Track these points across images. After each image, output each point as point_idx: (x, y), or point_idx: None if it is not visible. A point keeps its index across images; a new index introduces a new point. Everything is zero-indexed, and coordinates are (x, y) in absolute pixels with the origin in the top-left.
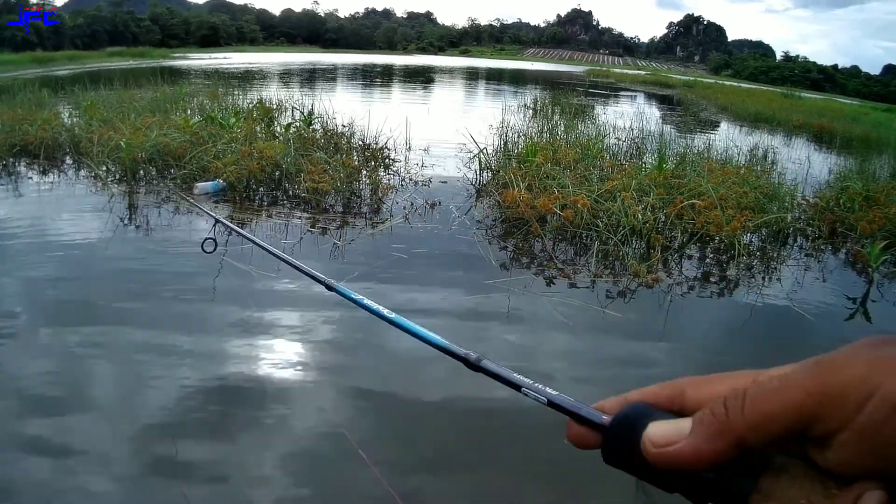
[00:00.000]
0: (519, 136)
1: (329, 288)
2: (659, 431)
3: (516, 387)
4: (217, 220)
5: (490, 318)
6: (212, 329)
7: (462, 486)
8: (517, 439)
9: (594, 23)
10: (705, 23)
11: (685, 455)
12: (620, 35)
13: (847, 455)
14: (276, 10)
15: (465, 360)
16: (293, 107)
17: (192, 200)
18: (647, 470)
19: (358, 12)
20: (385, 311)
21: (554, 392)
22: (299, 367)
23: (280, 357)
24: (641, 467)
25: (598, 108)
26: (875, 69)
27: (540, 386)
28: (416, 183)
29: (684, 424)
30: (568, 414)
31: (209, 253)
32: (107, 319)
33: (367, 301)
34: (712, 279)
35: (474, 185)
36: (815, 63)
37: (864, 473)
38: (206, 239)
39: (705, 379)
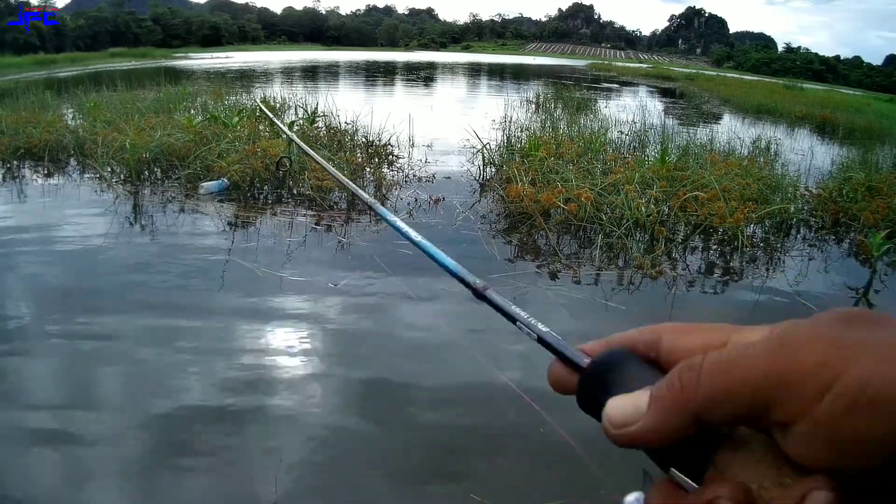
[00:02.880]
0: (522, 131)
1: (370, 207)
2: (617, 411)
3: (512, 319)
4: (291, 140)
5: (494, 313)
6: (218, 327)
7: (468, 482)
8: (523, 432)
9: (596, 16)
10: (707, 15)
11: (643, 435)
12: (622, 28)
13: (804, 446)
14: (277, 9)
15: (472, 288)
16: (296, 105)
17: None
18: None
19: (359, 9)
20: (413, 234)
21: (544, 329)
22: (306, 363)
23: (287, 354)
24: None
25: (601, 102)
26: (877, 59)
27: (534, 321)
28: (419, 179)
29: (642, 400)
30: (553, 351)
31: (283, 170)
32: (113, 319)
33: (399, 223)
34: (716, 271)
35: (478, 181)
36: (816, 54)
37: (822, 466)
38: (282, 158)
39: (683, 327)
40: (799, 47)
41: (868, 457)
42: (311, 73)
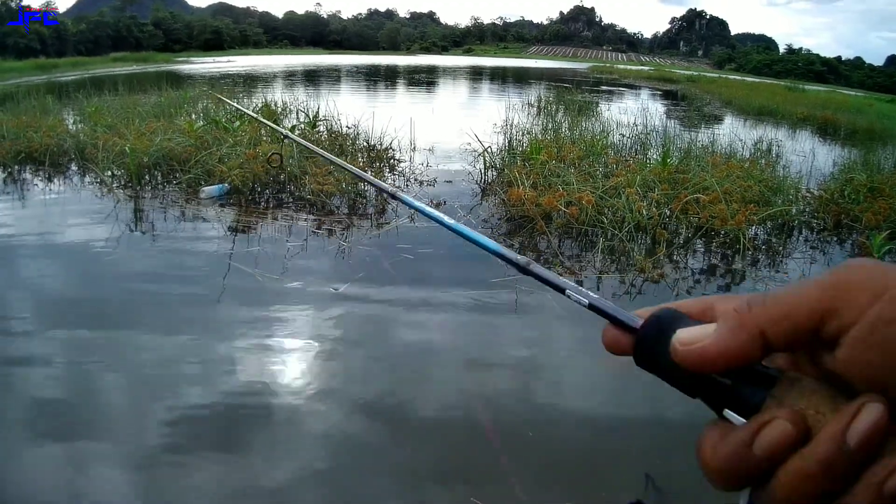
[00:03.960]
0: (523, 135)
1: (392, 196)
2: (687, 332)
3: (560, 289)
4: (285, 136)
5: (497, 316)
6: (218, 332)
7: (469, 486)
8: (523, 435)
9: (597, 19)
10: (708, 17)
11: (711, 350)
12: (623, 31)
13: (855, 353)
14: (278, 13)
15: (515, 264)
16: (298, 109)
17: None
18: (673, 372)
19: (361, 13)
20: (446, 219)
21: (595, 295)
22: (306, 368)
23: (287, 359)
24: (668, 369)
25: (602, 105)
26: (878, 60)
27: (583, 289)
28: (421, 183)
29: (710, 327)
30: (605, 316)
31: (276, 167)
32: (114, 324)
33: (427, 209)
34: (718, 273)
35: (479, 184)
36: (818, 55)
37: (870, 381)
38: (272, 153)
39: (734, 297)
40: (800, 49)
41: None
42: (313, 77)
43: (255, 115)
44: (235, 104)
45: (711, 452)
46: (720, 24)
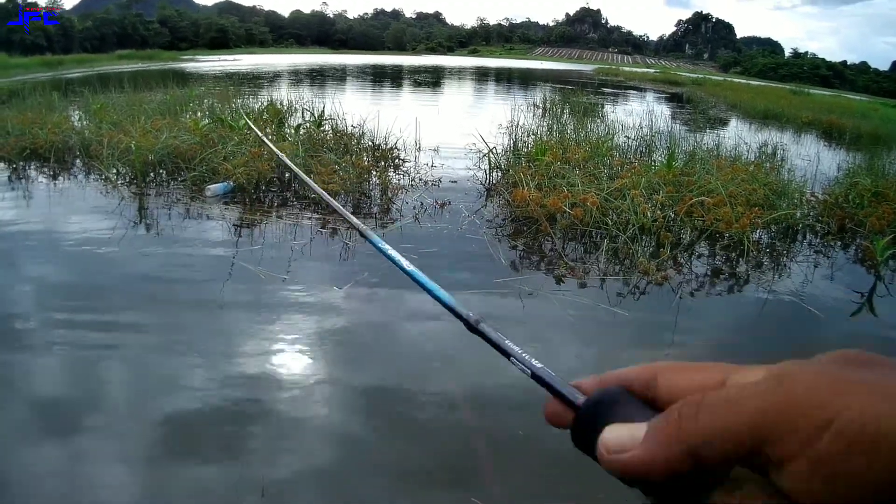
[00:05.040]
0: (528, 136)
1: (361, 234)
2: (613, 437)
3: (506, 354)
4: (279, 157)
5: (500, 318)
6: (221, 330)
7: (469, 486)
8: (525, 436)
9: (603, 21)
10: (714, 20)
11: (637, 463)
12: (629, 33)
13: (801, 483)
14: (285, 12)
15: (465, 321)
16: (303, 108)
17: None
18: None
19: (367, 13)
20: (405, 263)
21: (539, 365)
22: (309, 366)
23: (290, 357)
24: None
25: (608, 107)
26: (884, 65)
27: (527, 357)
28: (425, 183)
29: (639, 431)
30: (547, 388)
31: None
32: (118, 320)
33: (391, 251)
34: (722, 276)
35: (484, 185)
36: (823, 60)
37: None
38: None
39: (678, 367)
40: (806, 52)
41: (865, 496)
42: (319, 77)
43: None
44: (267, 140)
45: None
46: (726, 28)
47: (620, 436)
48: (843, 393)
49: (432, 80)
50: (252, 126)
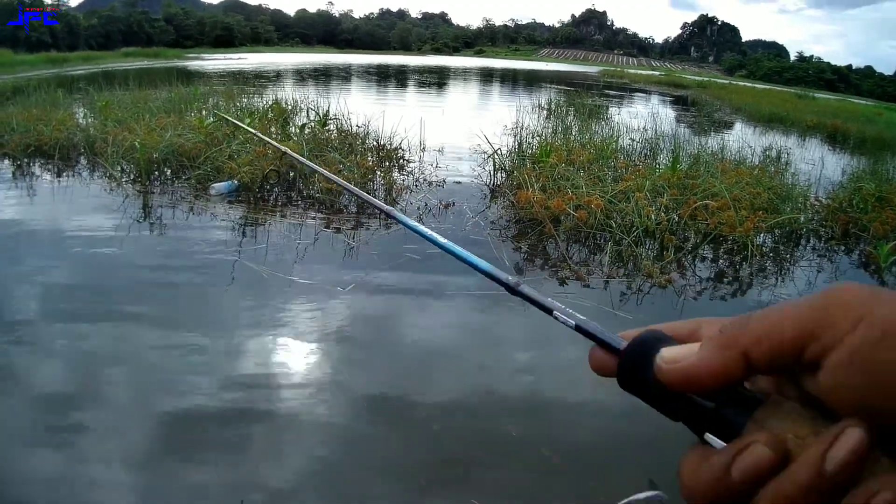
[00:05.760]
0: (533, 137)
1: (388, 216)
2: (671, 350)
3: (548, 310)
4: (284, 152)
5: (503, 320)
6: (225, 329)
7: (470, 487)
8: (527, 438)
9: (608, 23)
10: (719, 23)
11: (694, 368)
12: (635, 35)
13: (837, 377)
14: (290, 11)
15: (505, 285)
16: (308, 107)
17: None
18: (657, 395)
19: (373, 13)
20: (440, 238)
21: (582, 317)
22: (312, 366)
23: (293, 357)
24: (651, 391)
25: (613, 109)
26: (889, 69)
27: (570, 310)
28: (430, 184)
29: (694, 346)
30: (591, 338)
31: (273, 182)
32: (121, 319)
33: (421, 227)
34: (725, 280)
35: (488, 186)
36: (829, 63)
37: (852, 405)
38: (270, 170)
39: (721, 320)
40: (811, 56)
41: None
42: (324, 76)
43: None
44: (236, 121)
45: (691, 476)
46: (731, 31)
47: (678, 350)
48: (877, 296)
49: (437, 80)
50: (244, 126)
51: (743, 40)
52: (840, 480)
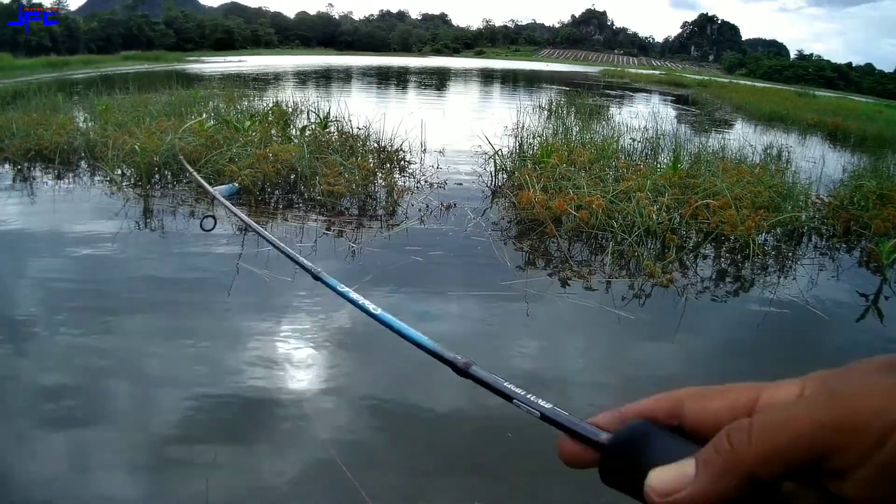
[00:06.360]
0: (534, 138)
1: (315, 277)
2: (662, 479)
3: (507, 397)
4: (215, 197)
5: (505, 320)
6: (226, 332)
7: (473, 488)
8: (531, 438)
9: (609, 23)
10: (719, 22)
11: (694, 500)
12: (635, 35)
13: (866, 491)
14: (290, 13)
15: (452, 365)
16: (308, 109)
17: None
18: None
19: (372, 14)
20: (371, 307)
21: (547, 405)
22: (314, 370)
23: (294, 360)
24: (643, 492)
25: (613, 109)
26: (889, 67)
27: (532, 398)
28: (431, 185)
29: (687, 468)
30: (562, 429)
31: (208, 230)
32: (122, 322)
33: (352, 294)
34: (727, 279)
35: (489, 187)
36: (829, 61)
37: None
38: (206, 217)
39: (704, 391)
40: (811, 54)
41: None
42: (324, 78)
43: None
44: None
45: None
46: (731, 29)
47: (668, 478)
48: (893, 399)
49: (438, 81)
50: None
51: (743, 39)
52: None
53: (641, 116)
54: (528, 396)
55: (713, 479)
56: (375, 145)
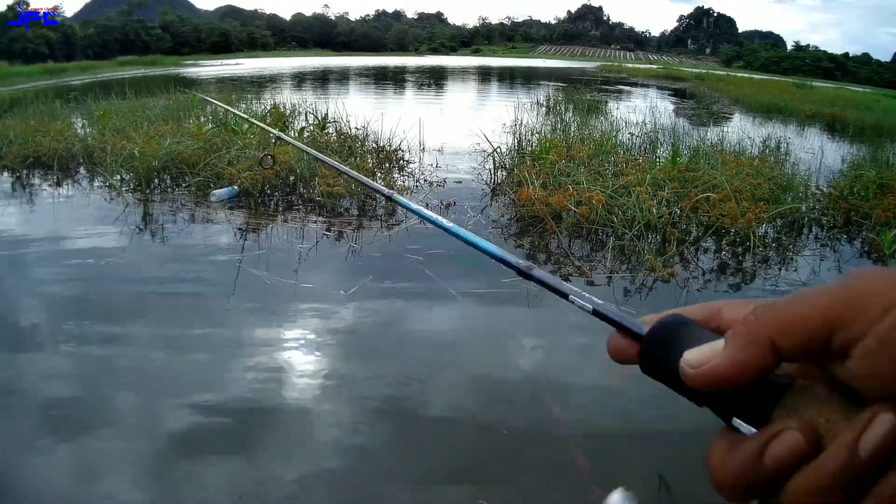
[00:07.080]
0: (532, 134)
1: (388, 199)
2: (694, 353)
3: (564, 294)
4: (277, 137)
5: (507, 318)
6: (229, 335)
7: (476, 486)
8: (534, 437)
9: (605, 18)
10: (715, 15)
11: (722, 370)
12: (631, 29)
13: (867, 364)
14: (286, 15)
15: (517, 269)
16: (307, 111)
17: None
18: (680, 381)
19: (368, 15)
20: (445, 222)
21: (600, 301)
22: (316, 370)
23: (297, 361)
24: (675, 378)
25: (611, 104)
26: (886, 56)
27: (587, 294)
28: (430, 184)
29: (718, 344)
30: (610, 323)
31: (267, 168)
32: (124, 327)
33: (425, 211)
34: (728, 271)
35: (489, 185)
36: (825, 52)
37: (882, 391)
38: (266, 155)
39: (741, 301)
40: (808, 45)
41: None
42: (322, 79)
43: (244, 116)
44: (223, 105)
45: (720, 464)
46: (728, 22)
47: (702, 351)
48: None
49: (435, 80)
50: (238, 113)
51: (739, 31)
52: (873, 466)
53: (639, 111)
54: (584, 293)
55: (741, 348)
56: (374, 145)
